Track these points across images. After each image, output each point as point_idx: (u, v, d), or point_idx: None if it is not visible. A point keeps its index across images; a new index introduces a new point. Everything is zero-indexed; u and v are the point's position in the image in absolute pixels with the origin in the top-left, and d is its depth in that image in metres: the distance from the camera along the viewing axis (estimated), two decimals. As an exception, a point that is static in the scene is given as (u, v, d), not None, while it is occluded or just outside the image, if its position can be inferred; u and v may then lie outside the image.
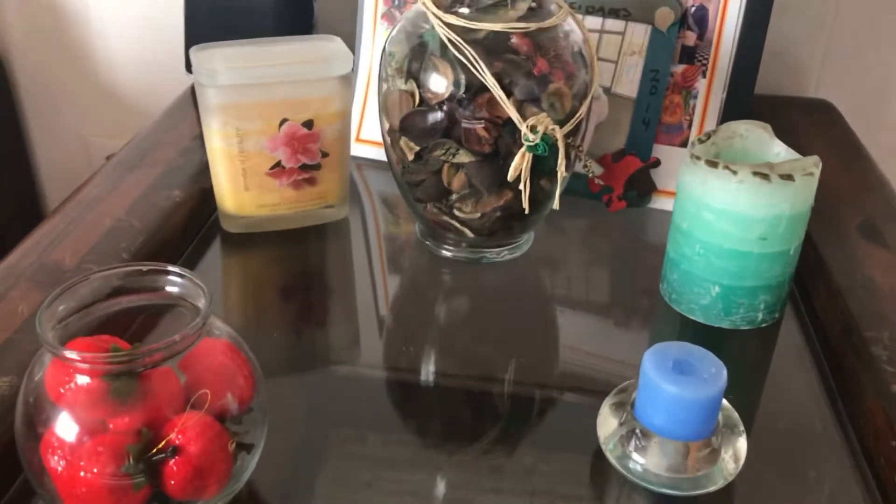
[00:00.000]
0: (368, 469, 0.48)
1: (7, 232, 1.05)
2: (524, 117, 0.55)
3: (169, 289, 0.43)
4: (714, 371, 0.45)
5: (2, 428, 0.44)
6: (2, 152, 1.05)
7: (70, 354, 0.37)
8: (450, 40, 0.55)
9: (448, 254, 0.66)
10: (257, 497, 0.45)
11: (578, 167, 0.65)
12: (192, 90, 0.86)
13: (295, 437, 0.50)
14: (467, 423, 0.52)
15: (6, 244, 1.00)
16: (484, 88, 0.56)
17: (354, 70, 0.79)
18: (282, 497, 0.46)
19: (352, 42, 0.79)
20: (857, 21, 0.88)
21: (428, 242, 0.67)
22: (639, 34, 0.70)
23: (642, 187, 0.71)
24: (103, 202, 0.65)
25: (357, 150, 0.78)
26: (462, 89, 0.56)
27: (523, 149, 0.56)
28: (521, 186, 0.57)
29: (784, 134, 0.78)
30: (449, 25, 0.55)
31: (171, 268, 0.43)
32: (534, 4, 0.56)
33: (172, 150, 0.73)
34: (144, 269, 0.43)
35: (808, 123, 0.82)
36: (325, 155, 0.66)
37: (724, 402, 0.47)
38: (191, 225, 0.67)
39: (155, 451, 0.39)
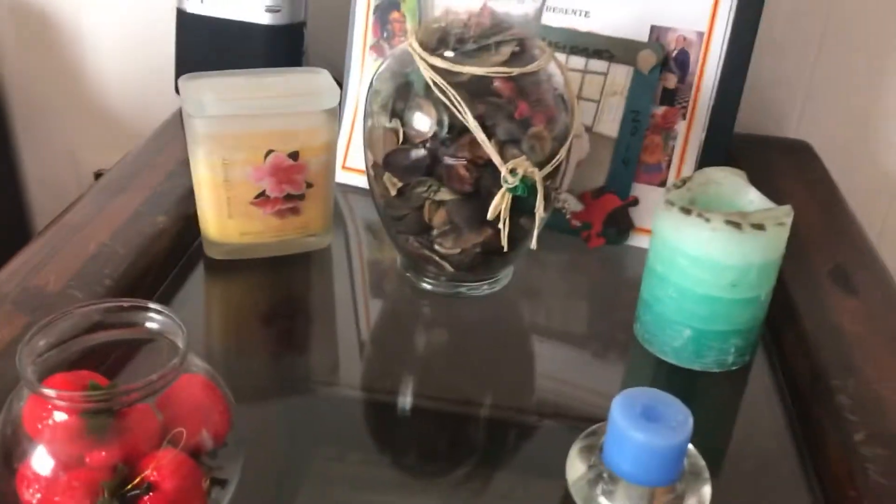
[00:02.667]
0: (347, 492, 0.50)
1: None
2: (505, 159, 0.56)
3: (148, 325, 0.44)
4: (681, 419, 0.46)
5: (-21, 457, 0.45)
6: (-10, 164, 1.06)
7: (48, 392, 0.38)
8: (434, 82, 0.56)
9: (428, 286, 0.67)
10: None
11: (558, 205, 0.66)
12: (181, 114, 0.87)
13: (275, 462, 0.51)
14: (443, 453, 0.54)
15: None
16: (466, 129, 0.57)
17: (343, 98, 0.80)
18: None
19: (341, 68, 0.80)
20: (838, 63, 0.90)
21: (409, 274, 0.68)
22: (621, 75, 0.71)
23: (621, 225, 0.72)
24: (88, 227, 0.66)
25: (343, 177, 0.79)
26: (445, 129, 0.57)
27: (503, 189, 0.57)
28: (501, 225, 0.58)
29: (762, 174, 0.80)
30: (434, 67, 0.57)
31: (150, 304, 0.43)
32: (517, 49, 0.58)
33: (159, 174, 0.74)
34: (125, 304, 0.44)
35: (786, 165, 0.84)
36: (309, 185, 0.66)
37: (691, 448, 0.48)
38: (174, 250, 0.68)
39: (130, 487, 0.39)
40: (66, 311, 0.43)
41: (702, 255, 0.55)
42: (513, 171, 0.56)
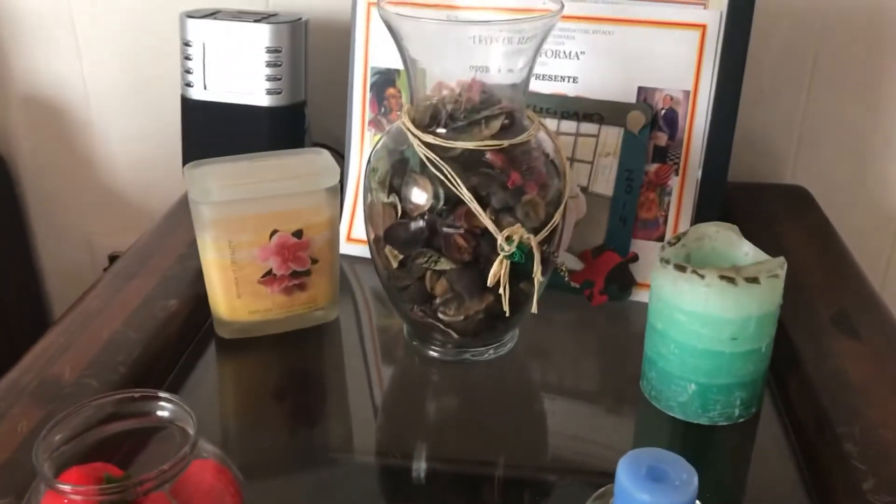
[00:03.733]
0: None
1: (15, 331, 1.07)
2: (500, 227, 0.58)
3: (159, 413, 0.45)
4: (685, 477, 0.46)
5: (0, 552, 0.46)
6: (7, 252, 1.09)
7: (65, 487, 0.39)
8: (428, 158, 0.58)
9: (435, 354, 0.68)
10: None
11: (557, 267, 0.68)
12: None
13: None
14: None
15: (15, 344, 1.03)
16: (462, 200, 0.58)
17: (345, 172, 0.83)
18: None
19: (343, 141, 0.83)
20: (828, 105, 0.91)
21: (415, 343, 0.69)
22: (612, 136, 0.73)
23: (622, 281, 0.74)
24: (102, 314, 0.67)
25: (348, 249, 0.81)
26: (441, 202, 0.59)
27: (501, 257, 0.58)
28: (501, 291, 0.60)
29: (760, 223, 0.81)
30: (427, 144, 0.59)
31: (160, 394, 0.45)
32: (507, 121, 0.60)
33: (169, 257, 0.76)
34: (136, 395, 0.45)
35: (783, 211, 0.85)
36: (314, 261, 0.68)
37: (698, 506, 0.48)
38: (186, 332, 0.69)
39: (146, 576, 0.40)
40: (80, 404, 0.44)
41: (699, 310, 0.56)
42: (509, 239, 0.57)
